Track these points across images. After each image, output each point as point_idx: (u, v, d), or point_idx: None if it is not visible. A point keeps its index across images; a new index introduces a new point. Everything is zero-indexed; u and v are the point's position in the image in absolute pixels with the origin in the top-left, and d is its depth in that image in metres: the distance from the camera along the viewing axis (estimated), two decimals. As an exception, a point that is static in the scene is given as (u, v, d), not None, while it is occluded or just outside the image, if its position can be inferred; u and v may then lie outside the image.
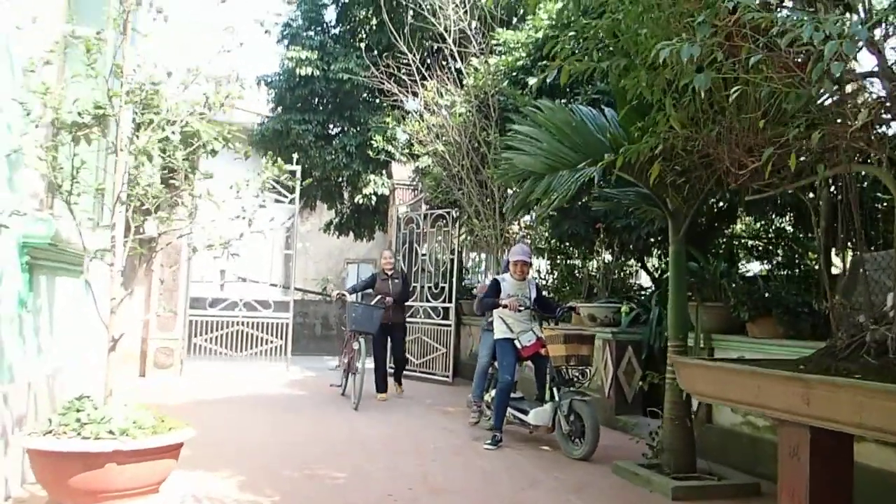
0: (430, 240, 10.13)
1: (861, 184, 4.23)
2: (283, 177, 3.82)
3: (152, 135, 3.39)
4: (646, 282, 8.75)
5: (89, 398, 3.35)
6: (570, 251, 8.70)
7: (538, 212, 8.32)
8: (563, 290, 8.41)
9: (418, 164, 10.12)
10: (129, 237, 3.54)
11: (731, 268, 6.03)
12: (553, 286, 8.79)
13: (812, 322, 4.62)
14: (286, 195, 9.78)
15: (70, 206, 3.27)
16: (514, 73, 8.05)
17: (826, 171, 2.80)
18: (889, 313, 2.80)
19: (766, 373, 2.80)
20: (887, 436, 2.30)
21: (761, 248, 7.01)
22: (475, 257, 11.90)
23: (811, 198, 4.64)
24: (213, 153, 3.74)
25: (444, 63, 9.40)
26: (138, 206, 3.62)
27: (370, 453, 5.04)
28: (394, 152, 11.41)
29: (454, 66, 9.31)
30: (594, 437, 4.98)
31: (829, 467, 2.71)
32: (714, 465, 4.54)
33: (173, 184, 3.79)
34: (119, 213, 3.45)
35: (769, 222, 6.91)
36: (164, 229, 3.71)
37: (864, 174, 4.07)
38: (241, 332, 9.65)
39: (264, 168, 3.80)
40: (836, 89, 2.68)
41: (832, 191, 4.54)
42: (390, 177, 11.92)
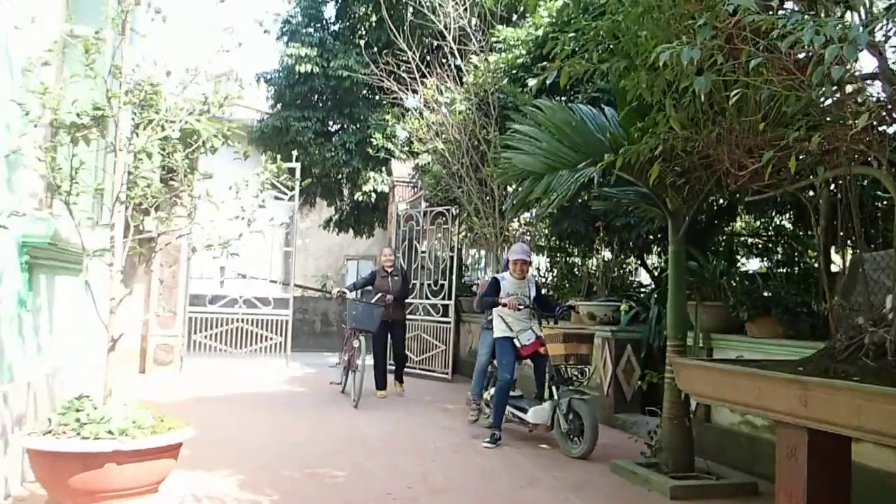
0: (430, 237, 10.13)
1: (861, 182, 4.22)
2: (283, 177, 3.80)
3: (151, 134, 3.39)
4: (645, 279, 8.74)
5: (89, 398, 3.35)
6: (570, 249, 8.70)
7: (538, 211, 8.32)
8: (563, 288, 8.41)
9: (418, 161, 10.10)
10: (128, 237, 3.54)
11: (731, 267, 6.02)
12: (552, 284, 8.79)
13: (811, 322, 4.62)
14: (286, 192, 9.78)
15: (69, 206, 3.27)
16: (514, 71, 8.03)
17: (826, 172, 2.80)
18: (888, 315, 2.80)
19: (764, 374, 2.81)
20: (885, 439, 2.31)
21: (761, 246, 7.00)
22: (475, 254, 11.89)
23: (811, 196, 4.63)
24: (213, 150, 3.73)
25: (443, 60, 9.38)
26: (137, 205, 3.61)
27: (370, 451, 5.05)
28: (393, 150, 11.40)
29: (454, 63, 9.28)
30: (593, 435, 4.99)
31: (827, 469, 2.72)
32: (712, 465, 4.54)
33: (172, 184, 3.79)
34: (118, 213, 3.45)
35: (769, 220, 6.90)
36: (164, 229, 3.70)
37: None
38: (241, 328, 9.66)
39: (263, 168, 3.79)
40: (836, 90, 2.68)
41: (832, 189, 4.53)
42: (390, 174, 11.91)
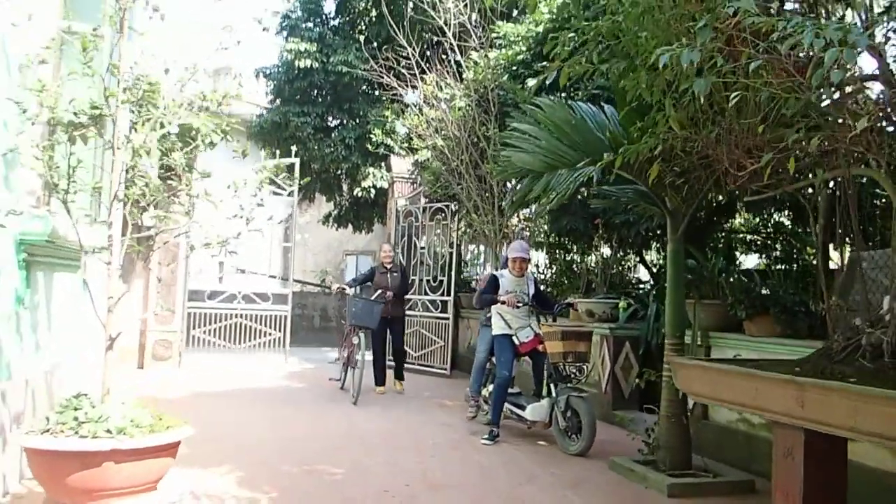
0: (429, 233, 10.12)
1: (860, 181, 4.22)
2: (281, 176, 3.80)
3: (150, 133, 3.37)
4: (644, 276, 8.75)
5: (87, 396, 3.35)
6: (569, 246, 8.70)
7: (537, 210, 8.32)
8: (562, 285, 8.41)
9: (417, 157, 10.09)
10: (126, 235, 3.53)
11: (730, 265, 6.03)
12: (551, 281, 8.80)
13: (809, 321, 4.63)
14: (284, 188, 9.76)
15: (66, 205, 3.26)
16: (514, 68, 8.01)
17: (825, 174, 2.79)
18: (885, 316, 2.80)
19: (761, 375, 2.81)
20: (882, 441, 2.31)
21: (760, 243, 7.00)
22: (474, 249, 11.89)
23: (810, 193, 4.62)
24: (212, 146, 3.72)
25: (443, 56, 9.35)
26: (135, 202, 3.60)
27: (369, 448, 5.06)
28: (393, 146, 11.38)
29: (454, 59, 9.26)
30: (590, 433, 5.00)
31: (823, 469, 2.73)
32: (710, 462, 4.56)
33: (171, 184, 3.78)
34: (116, 211, 3.44)
35: (768, 216, 6.90)
36: (162, 228, 3.70)
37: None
38: (240, 324, 9.66)
39: (262, 166, 3.78)
40: (836, 92, 2.68)
41: (831, 187, 4.53)
42: (389, 170, 11.89)
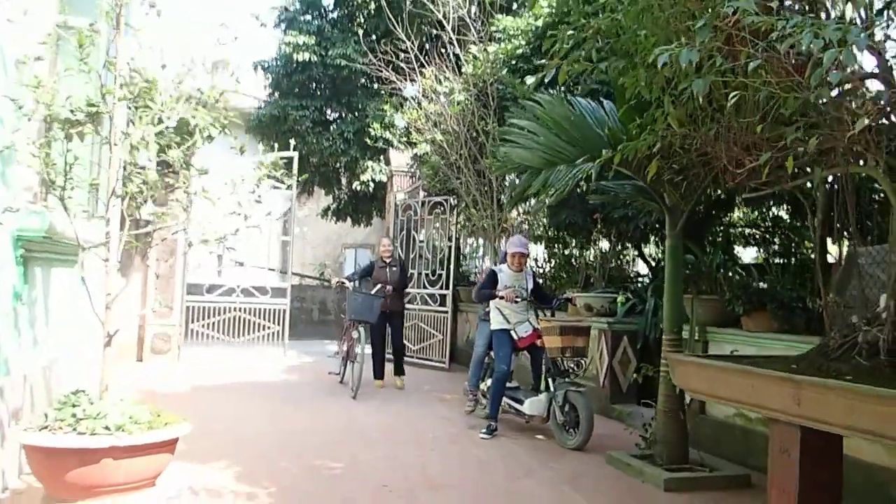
0: (428, 227, 10.12)
1: (857, 176, 4.21)
2: (280, 173, 3.79)
3: (147, 129, 3.36)
4: (643, 269, 8.75)
5: (85, 392, 3.36)
6: (568, 240, 8.70)
7: (535, 207, 8.31)
8: (560, 279, 8.42)
9: (416, 151, 10.06)
10: (124, 230, 3.53)
11: (728, 260, 6.03)
12: (550, 275, 8.80)
13: (806, 317, 4.64)
14: (283, 182, 9.72)
15: (63, 202, 3.25)
16: (513, 62, 7.98)
17: (823, 172, 2.79)
18: (882, 314, 2.81)
19: (758, 372, 2.82)
20: (878, 439, 2.32)
21: (758, 237, 7.01)
22: (472, 243, 11.89)
23: (808, 188, 4.62)
24: (210, 139, 3.71)
25: (442, 50, 9.32)
26: (132, 198, 3.60)
27: (368, 442, 5.08)
28: (392, 139, 11.35)
29: (453, 53, 9.22)
30: (588, 427, 5.03)
31: (819, 466, 2.74)
32: (706, 456, 4.58)
33: (168, 181, 3.77)
34: (114, 207, 3.44)
35: (766, 210, 6.90)
36: (161, 224, 3.69)
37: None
38: (239, 317, 9.66)
39: (260, 162, 3.78)
40: (834, 90, 2.67)
41: (829, 182, 4.53)
42: (388, 163, 11.88)
